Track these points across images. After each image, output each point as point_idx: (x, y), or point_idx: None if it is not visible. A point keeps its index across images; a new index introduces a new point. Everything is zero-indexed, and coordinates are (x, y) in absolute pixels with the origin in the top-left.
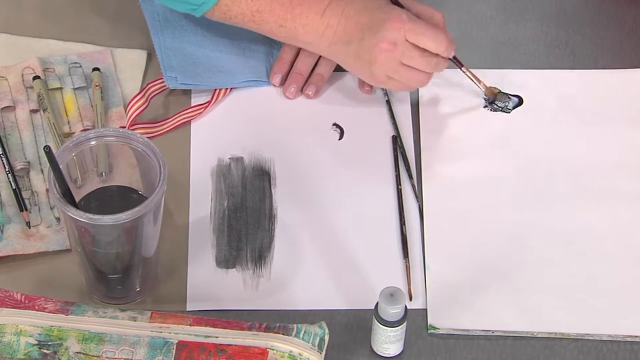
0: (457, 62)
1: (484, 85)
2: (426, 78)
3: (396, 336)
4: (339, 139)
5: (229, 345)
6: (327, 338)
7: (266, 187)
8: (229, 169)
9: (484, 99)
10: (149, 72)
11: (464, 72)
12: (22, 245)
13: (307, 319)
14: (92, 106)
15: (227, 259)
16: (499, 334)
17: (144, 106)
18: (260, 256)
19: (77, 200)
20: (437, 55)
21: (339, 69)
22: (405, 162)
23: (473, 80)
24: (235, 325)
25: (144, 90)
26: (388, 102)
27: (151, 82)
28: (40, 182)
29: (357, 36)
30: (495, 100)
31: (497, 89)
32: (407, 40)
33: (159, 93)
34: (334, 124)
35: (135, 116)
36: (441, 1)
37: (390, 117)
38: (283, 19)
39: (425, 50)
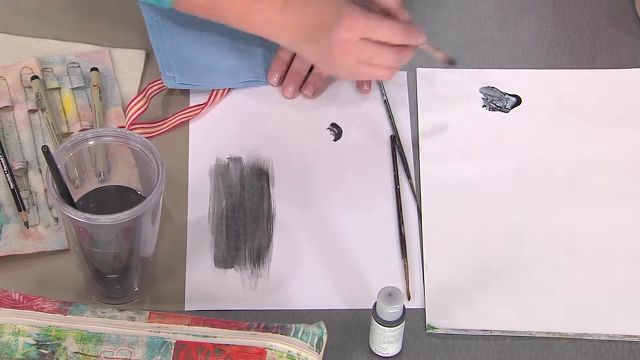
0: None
1: (441, 53)
2: (388, 72)
3: (394, 336)
4: (336, 140)
5: (228, 345)
6: (325, 338)
7: (264, 187)
8: (227, 168)
9: (483, 98)
10: (147, 72)
11: (423, 49)
12: (20, 245)
13: (305, 318)
14: (90, 106)
15: (226, 259)
16: (497, 333)
17: (144, 107)
18: (259, 256)
19: (75, 200)
20: (397, 47)
21: None
22: (404, 161)
23: (430, 51)
24: (233, 325)
25: (144, 91)
26: (386, 102)
27: (151, 83)
28: (38, 182)
29: (314, 36)
30: (451, 63)
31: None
32: (362, 38)
33: (157, 93)
34: (332, 124)
35: (136, 117)
36: (440, 1)
37: (389, 116)
38: (243, 14)
39: (382, 45)
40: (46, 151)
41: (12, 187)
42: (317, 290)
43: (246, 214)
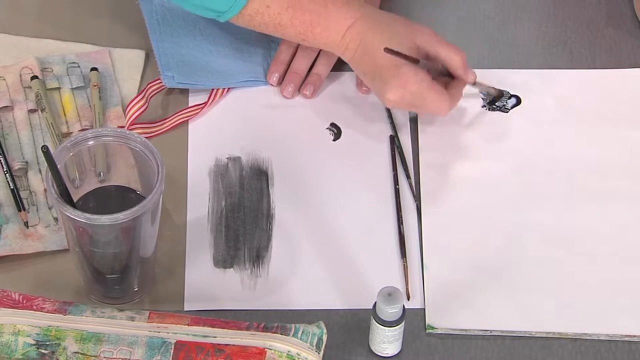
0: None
1: (494, 89)
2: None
3: (394, 336)
4: (336, 140)
5: (227, 345)
6: (325, 338)
7: (264, 186)
8: (226, 168)
9: (482, 98)
10: (147, 72)
11: (477, 87)
12: (20, 245)
13: (305, 318)
14: (90, 106)
15: (225, 259)
16: (497, 333)
17: (144, 107)
18: (258, 256)
19: (75, 200)
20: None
21: (336, 68)
22: (403, 161)
23: (486, 89)
24: (233, 325)
25: (144, 91)
26: None
27: (151, 83)
28: (38, 182)
29: (369, 74)
30: (496, 99)
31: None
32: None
33: (157, 93)
34: (331, 124)
35: (135, 117)
36: (440, 1)
37: (388, 116)
38: (304, 35)
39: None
40: (46, 151)
41: (11, 187)
42: (317, 290)
43: (245, 213)
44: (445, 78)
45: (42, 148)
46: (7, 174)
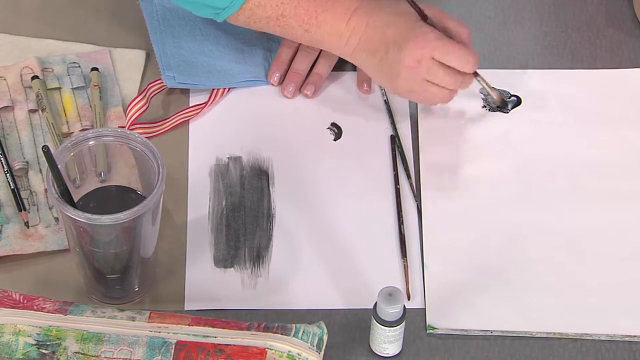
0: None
1: (495, 92)
2: (448, 95)
3: (395, 336)
4: (336, 140)
5: (228, 345)
6: (325, 338)
7: (264, 186)
8: (227, 168)
9: (483, 99)
10: (147, 72)
11: (478, 81)
12: (20, 245)
13: (305, 318)
14: (90, 106)
15: (225, 259)
16: (497, 333)
17: (144, 107)
18: (259, 256)
19: (75, 200)
20: (461, 72)
21: (337, 68)
22: (404, 161)
23: (485, 87)
24: (233, 325)
25: (145, 91)
26: (386, 102)
27: (151, 83)
28: (38, 182)
29: (381, 49)
30: (502, 105)
31: (503, 94)
32: (432, 58)
33: (158, 93)
34: (332, 124)
35: (136, 117)
36: (440, 1)
37: (389, 116)
38: (308, 24)
39: (450, 68)
40: (46, 151)
41: (12, 187)
42: (317, 290)
43: (246, 213)
44: None
45: (42, 148)
46: (8, 174)
